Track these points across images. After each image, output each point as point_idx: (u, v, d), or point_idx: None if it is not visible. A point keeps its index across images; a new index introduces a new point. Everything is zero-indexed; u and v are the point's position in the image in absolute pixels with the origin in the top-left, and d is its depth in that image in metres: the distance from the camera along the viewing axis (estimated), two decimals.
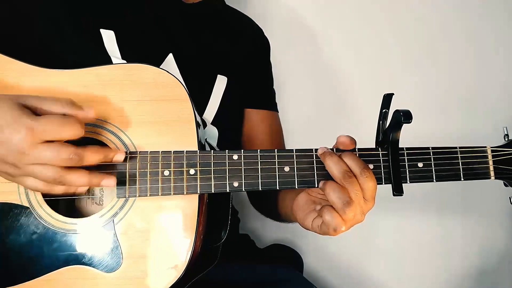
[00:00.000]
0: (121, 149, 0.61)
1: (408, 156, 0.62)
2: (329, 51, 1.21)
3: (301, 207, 0.67)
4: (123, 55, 0.73)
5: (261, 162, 0.61)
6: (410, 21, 1.22)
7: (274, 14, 1.19)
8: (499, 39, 1.23)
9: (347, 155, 0.61)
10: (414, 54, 1.22)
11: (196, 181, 0.61)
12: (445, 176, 0.62)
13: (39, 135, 0.51)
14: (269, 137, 0.92)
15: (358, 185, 0.59)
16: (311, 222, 0.64)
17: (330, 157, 0.60)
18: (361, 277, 1.21)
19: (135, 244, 0.60)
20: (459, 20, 1.22)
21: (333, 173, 0.60)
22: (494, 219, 1.23)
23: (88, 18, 0.74)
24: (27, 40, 0.71)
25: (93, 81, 0.63)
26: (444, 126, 1.21)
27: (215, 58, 0.85)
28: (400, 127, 0.60)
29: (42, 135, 0.52)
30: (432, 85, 1.22)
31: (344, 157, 0.60)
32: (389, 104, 0.62)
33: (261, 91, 0.94)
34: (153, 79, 0.64)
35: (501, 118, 1.17)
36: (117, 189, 0.60)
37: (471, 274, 1.23)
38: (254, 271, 0.81)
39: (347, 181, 0.58)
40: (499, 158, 0.64)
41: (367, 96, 1.19)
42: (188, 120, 0.63)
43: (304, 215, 0.65)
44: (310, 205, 0.66)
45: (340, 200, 0.58)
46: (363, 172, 0.59)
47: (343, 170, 0.59)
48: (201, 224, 0.62)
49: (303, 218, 0.65)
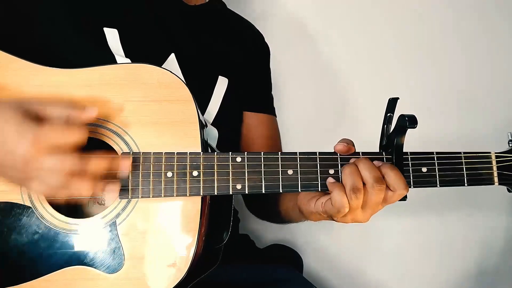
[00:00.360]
0: (126, 156, 0.60)
1: (412, 161, 0.62)
2: (329, 52, 1.20)
3: (307, 194, 0.67)
4: (127, 54, 0.73)
5: (264, 164, 0.61)
6: (412, 22, 1.21)
7: (274, 15, 1.18)
8: (503, 42, 1.22)
9: (362, 161, 0.60)
10: (415, 55, 1.21)
11: (199, 183, 0.60)
12: (449, 182, 0.62)
13: (43, 143, 0.51)
14: (266, 141, 0.92)
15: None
16: (315, 201, 0.63)
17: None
18: (361, 277, 1.22)
19: (137, 245, 0.60)
20: (464, 21, 1.22)
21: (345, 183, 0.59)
22: (494, 219, 1.23)
23: (89, 17, 0.74)
24: (27, 40, 0.71)
25: (96, 80, 0.63)
26: (447, 128, 1.20)
27: (217, 59, 0.85)
28: (405, 132, 0.60)
29: (46, 143, 0.51)
30: (434, 87, 1.21)
31: (358, 164, 0.60)
32: (394, 108, 0.62)
33: (260, 94, 0.95)
34: (156, 79, 0.63)
35: (505, 121, 1.17)
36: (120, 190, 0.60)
37: (471, 274, 1.23)
38: (254, 271, 0.81)
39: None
40: (503, 164, 0.63)
41: (368, 97, 1.19)
42: (191, 121, 0.62)
43: (308, 199, 0.65)
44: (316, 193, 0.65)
45: (351, 182, 0.58)
46: (376, 184, 0.58)
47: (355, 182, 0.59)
48: (203, 225, 0.62)
49: (307, 201, 0.65)
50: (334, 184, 0.60)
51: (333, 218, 0.62)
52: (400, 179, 0.59)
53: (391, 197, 0.60)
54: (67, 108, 0.55)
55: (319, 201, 0.62)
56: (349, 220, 0.61)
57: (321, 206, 0.62)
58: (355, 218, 0.61)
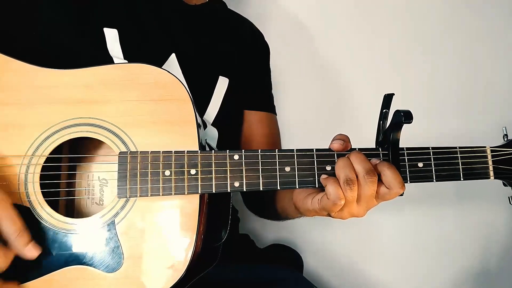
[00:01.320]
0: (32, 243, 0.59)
1: (408, 156, 0.62)
2: (328, 51, 1.21)
3: (302, 191, 0.67)
4: (126, 55, 0.73)
5: (262, 162, 0.61)
6: (410, 21, 1.22)
7: (274, 14, 1.19)
8: (498, 39, 1.23)
9: (355, 154, 0.60)
10: (413, 54, 1.22)
11: (197, 181, 0.61)
12: (445, 176, 0.63)
13: None
14: (266, 139, 0.92)
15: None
16: (311, 199, 0.63)
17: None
18: (361, 277, 1.21)
19: (136, 244, 0.60)
20: (460, 19, 1.23)
21: (339, 176, 0.60)
22: (494, 219, 1.23)
23: (89, 17, 0.74)
24: (27, 39, 0.71)
25: (94, 81, 0.63)
26: (443, 126, 1.21)
27: (217, 59, 0.85)
28: (401, 127, 0.60)
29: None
30: (431, 85, 1.22)
31: (351, 157, 0.60)
32: (389, 104, 0.62)
33: (261, 92, 0.95)
34: (154, 79, 0.64)
35: (500, 117, 1.17)
36: (118, 189, 0.60)
37: (471, 274, 1.23)
38: (254, 271, 0.81)
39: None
40: (499, 158, 0.64)
41: (365, 95, 1.19)
42: (188, 121, 0.63)
43: (305, 196, 0.65)
44: (312, 190, 0.66)
45: (344, 174, 0.58)
46: (367, 176, 0.58)
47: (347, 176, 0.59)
48: (202, 224, 0.62)
49: (303, 198, 0.65)
50: (327, 178, 0.60)
51: (330, 214, 0.62)
52: (397, 178, 0.59)
53: (387, 195, 0.60)
54: (14, 232, 0.56)
55: (315, 199, 0.63)
56: (345, 214, 0.61)
57: (317, 203, 0.62)
58: (351, 211, 0.61)
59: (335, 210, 0.60)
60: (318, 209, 0.62)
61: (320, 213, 0.63)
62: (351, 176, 0.58)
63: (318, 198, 0.62)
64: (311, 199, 0.64)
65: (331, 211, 0.60)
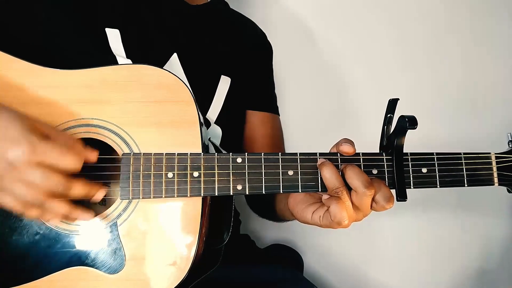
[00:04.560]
0: (103, 189, 0.59)
1: (412, 162, 0.62)
2: (331, 53, 1.21)
3: (299, 201, 0.66)
4: (128, 54, 0.73)
5: (265, 165, 0.61)
6: (413, 23, 1.21)
7: (276, 15, 1.19)
8: (504, 43, 1.22)
9: (350, 169, 0.59)
10: (416, 57, 1.21)
11: (200, 183, 0.60)
12: (449, 182, 0.62)
13: (38, 155, 0.51)
14: (269, 140, 0.92)
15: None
16: (311, 214, 0.63)
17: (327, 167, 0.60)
18: (361, 277, 1.22)
19: (138, 245, 0.61)
20: (464, 23, 1.22)
21: (328, 186, 0.60)
22: (494, 219, 1.23)
23: (91, 17, 0.74)
24: (30, 39, 0.71)
25: (97, 81, 0.63)
26: (447, 129, 1.20)
27: (219, 58, 0.85)
28: (405, 133, 0.60)
29: (41, 157, 0.51)
30: (434, 88, 1.21)
31: (348, 170, 0.59)
32: (394, 109, 0.62)
33: (263, 93, 0.95)
34: (157, 80, 0.63)
35: (505, 121, 1.17)
36: (121, 191, 0.60)
37: (471, 274, 1.23)
38: (254, 271, 0.81)
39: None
40: (503, 164, 0.64)
41: (368, 98, 1.19)
42: (192, 122, 0.62)
43: (303, 208, 0.65)
44: (309, 199, 0.65)
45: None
46: (367, 190, 0.58)
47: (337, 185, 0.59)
48: (204, 226, 0.62)
49: (301, 211, 0.65)
50: (330, 199, 0.59)
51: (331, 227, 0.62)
52: (383, 195, 0.58)
53: (375, 208, 0.60)
54: (76, 141, 0.56)
55: (316, 214, 0.62)
56: (347, 226, 0.61)
57: (319, 220, 0.62)
58: (351, 220, 0.61)
59: (339, 227, 0.60)
60: (319, 225, 0.62)
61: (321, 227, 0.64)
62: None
63: (320, 215, 0.61)
64: (311, 213, 0.63)
65: (334, 228, 0.61)
